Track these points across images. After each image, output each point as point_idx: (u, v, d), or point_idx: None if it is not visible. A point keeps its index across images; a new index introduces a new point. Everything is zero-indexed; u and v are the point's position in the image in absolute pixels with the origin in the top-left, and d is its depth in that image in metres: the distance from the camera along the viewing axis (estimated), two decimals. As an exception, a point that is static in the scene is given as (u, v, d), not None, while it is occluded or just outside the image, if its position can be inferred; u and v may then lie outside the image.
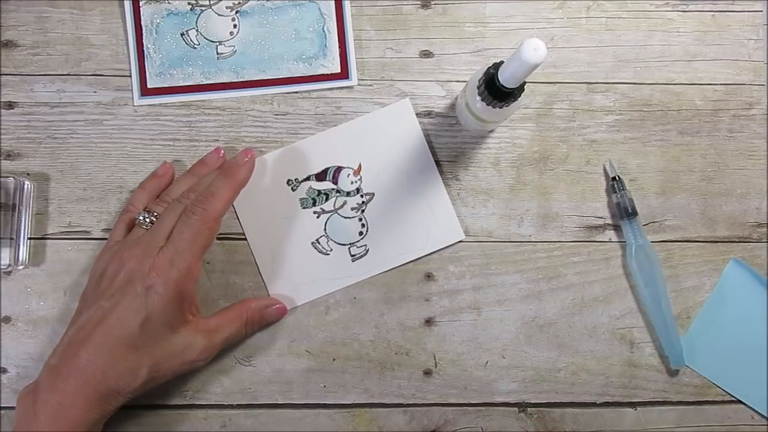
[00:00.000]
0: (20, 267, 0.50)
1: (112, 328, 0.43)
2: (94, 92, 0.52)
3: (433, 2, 0.54)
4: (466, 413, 0.52)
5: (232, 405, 0.51)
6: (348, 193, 0.53)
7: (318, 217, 0.52)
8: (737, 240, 0.54)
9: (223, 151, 0.51)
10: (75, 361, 0.42)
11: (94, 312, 0.43)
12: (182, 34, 0.53)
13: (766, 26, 0.55)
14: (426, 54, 0.54)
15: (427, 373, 0.52)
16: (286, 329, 0.52)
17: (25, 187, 0.51)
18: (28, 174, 0.52)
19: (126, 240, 0.47)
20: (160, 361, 0.44)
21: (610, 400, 0.52)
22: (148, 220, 0.47)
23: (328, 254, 0.52)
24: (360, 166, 0.53)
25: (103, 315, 0.43)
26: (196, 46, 0.53)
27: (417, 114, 0.53)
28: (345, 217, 0.52)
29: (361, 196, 0.53)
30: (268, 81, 0.53)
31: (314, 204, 0.53)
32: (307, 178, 0.53)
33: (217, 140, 0.53)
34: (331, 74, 0.53)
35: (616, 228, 0.53)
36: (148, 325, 0.43)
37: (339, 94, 0.53)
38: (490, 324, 0.53)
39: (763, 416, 0.52)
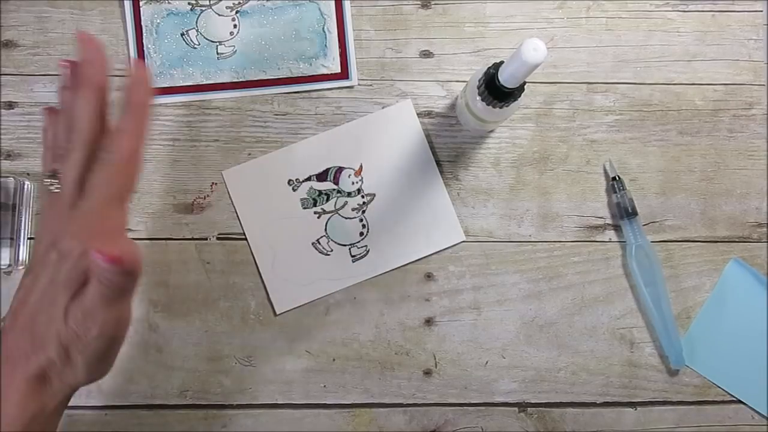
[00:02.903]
0: (20, 267, 0.50)
1: (31, 307, 0.37)
2: (94, 92, 0.52)
3: (433, 2, 0.54)
4: (466, 413, 0.52)
5: (232, 405, 0.51)
6: (349, 194, 0.53)
7: (319, 218, 0.52)
8: (737, 240, 0.54)
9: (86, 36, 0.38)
10: (4, 348, 0.37)
11: (18, 293, 0.38)
12: (182, 34, 0.53)
13: (766, 26, 0.55)
14: (426, 54, 0.54)
15: (427, 373, 0.52)
16: (286, 329, 0.52)
17: (25, 187, 0.51)
18: (28, 174, 0.52)
19: (45, 205, 0.40)
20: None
21: (610, 400, 0.53)
22: (54, 184, 0.40)
23: (328, 255, 0.52)
24: (361, 166, 0.53)
25: (24, 295, 0.38)
26: (196, 46, 0.53)
27: (417, 114, 0.53)
28: (346, 218, 0.52)
29: (362, 196, 0.53)
30: (268, 81, 0.53)
31: (315, 204, 0.53)
32: (309, 179, 0.53)
33: (217, 140, 0.53)
34: (331, 74, 0.53)
35: (616, 228, 0.53)
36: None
37: (339, 94, 0.53)
38: (490, 324, 0.53)
39: (763, 416, 0.52)
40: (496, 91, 0.43)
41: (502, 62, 0.43)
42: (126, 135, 0.38)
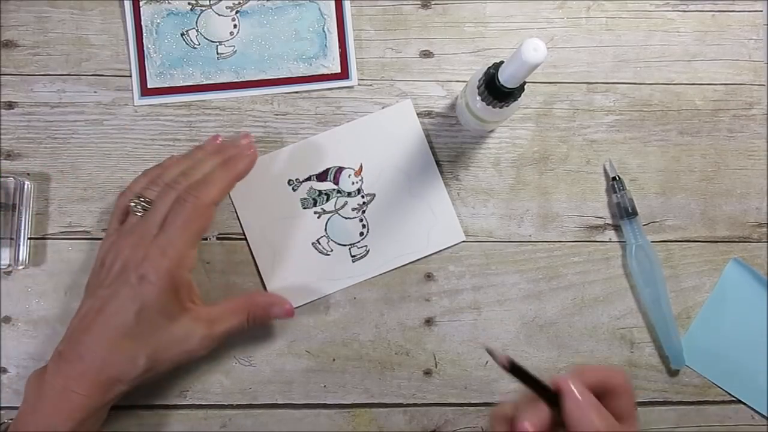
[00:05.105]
0: (20, 267, 0.50)
1: (109, 318, 0.43)
2: (95, 92, 0.52)
3: (433, 2, 0.54)
4: (466, 413, 0.52)
5: (232, 405, 0.51)
6: (349, 194, 0.53)
7: (319, 218, 0.52)
8: (737, 240, 0.54)
9: (221, 138, 0.50)
10: (78, 348, 0.43)
11: (94, 301, 0.44)
12: (182, 34, 0.53)
13: (766, 26, 0.55)
14: (426, 54, 0.54)
15: (427, 373, 0.52)
16: (286, 329, 0.52)
17: (25, 187, 0.51)
18: (28, 174, 0.52)
19: (123, 228, 0.47)
20: (158, 350, 0.44)
21: (610, 400, 0.52)
22: (140, 206, 0.46)
23: (328, 255, 0.52)
24: (361, 166, 0.53)
25: (101, 304, 0.43)
26: (196, 46, 0.53)
27: (417, 114, 0.53)
28: (346, 218, 0.52)
29: (362, 196, 0.53)
30: (268, 81, 0.53)
31: (315, 204, 0.53)
32: (309, 179, 0.53)
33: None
34: (331, 74, 0.53)
35: (616, 228, 0.53)
36: (143, 314, 0.43)
37: (339, 94, 0.53)
38: (490, 324, 0.53)
39: (763, 416, 0.52)
40: (496, 91, 0.43)
41: (502, 62, 0.43)
42: (214, 187, 0.45)
